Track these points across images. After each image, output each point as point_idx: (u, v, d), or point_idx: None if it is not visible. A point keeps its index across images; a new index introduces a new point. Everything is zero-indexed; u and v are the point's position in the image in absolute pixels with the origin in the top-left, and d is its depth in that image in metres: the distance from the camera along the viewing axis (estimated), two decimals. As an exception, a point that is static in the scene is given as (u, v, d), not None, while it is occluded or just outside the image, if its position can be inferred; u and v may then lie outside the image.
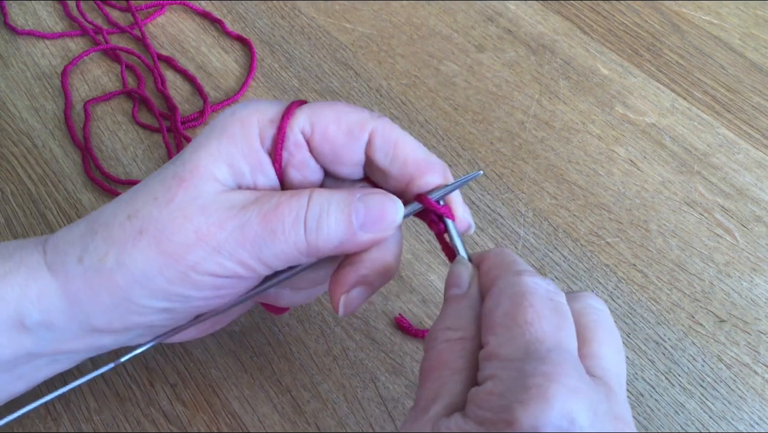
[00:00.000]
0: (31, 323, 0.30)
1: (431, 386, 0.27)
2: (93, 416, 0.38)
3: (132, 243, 0.29)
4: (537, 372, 0.24)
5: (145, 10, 0.58)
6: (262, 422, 0.38)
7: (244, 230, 0.29)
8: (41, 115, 0.51)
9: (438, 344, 0.28)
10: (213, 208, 0.29)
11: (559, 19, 0.58)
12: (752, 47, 0.57)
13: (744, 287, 0.43)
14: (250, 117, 0.31)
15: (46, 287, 0.30)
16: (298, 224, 0.29)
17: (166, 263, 0.29)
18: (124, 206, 0.30)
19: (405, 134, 0.32)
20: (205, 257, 0.29)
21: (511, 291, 0.28)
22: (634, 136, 0.51)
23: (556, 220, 0.46)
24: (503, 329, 0.26)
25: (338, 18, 0.58)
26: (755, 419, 0.39)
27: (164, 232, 0.29)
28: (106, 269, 0.29)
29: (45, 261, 0.31)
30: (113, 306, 0.30)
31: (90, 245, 0.30)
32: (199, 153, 0.30)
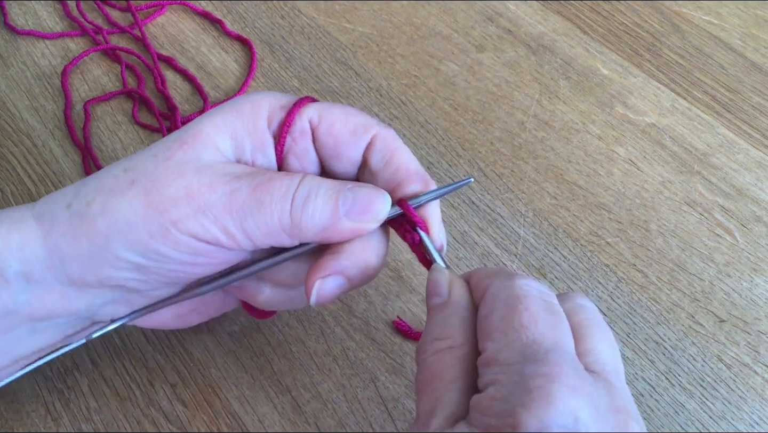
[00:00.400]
0: (10, 274, 0.30)
1: (428, 399, 0.27)
2: (93, 416, 0.38)
3: (121, 192, 0.30)
4: (537, 374, 0.24)
5: (145, 10, 0.58)
6: (262, 422, 0.38)
7: (233, 196, 0.30)
8: (41, 115, 0.51)
9: (428, 356, 0.28)
10: (208, 171, 0.30)
11: (559, 19, 0.58)
12: (752, 47, 0.57)
13: (744, 287, 0.43)
14: (262, 100, 0.32)
15: (28, 236, 0.30)
16: (286, 199, 0.30)
17: (149, 214, 0.29)
18: (123, 162, 0.31)
19: (405, 147, 0.33)
20: (189, 214, 0.29)
21: (504, 295, 0.28)
22: (634, 136, 0.51)
23: (556, 220, 0.46)
24: (500, 334, 0.27)
25: (338, 18, 0.58)
26: (755, 419, 0.39)
27: (155, 184, 0.30)
28: (91, 213, 0.30)
29: (33, 213, 0.31)
30: (90, 253, 0.30)
31: (81, 192, 0.31)
32: (205, 122, 0.31)
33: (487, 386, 0.26)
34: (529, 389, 0.24)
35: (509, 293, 0.28)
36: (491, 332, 0.27)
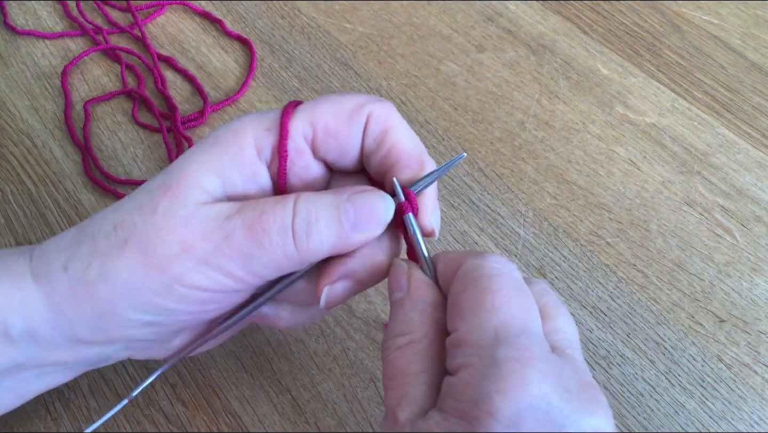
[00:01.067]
0: (16, 333, 0.30)
1: (394, 394, 0.27)
2: (93, 416, 0.38)
3: (116, 254, 0.29)
4: (510, 358, 0.24)
5: (145, 10, 0.58)
6: (262, 422, 0.38)
7: (229, 241, 0.28)
8: (41, 115, 0.51)
9: (391, 353, 0.28)
10: (197, 219, 0.28)
11: (559, 19, 0.58)
12: (752, 47, 0.57)
13: (744, 287, 0.43)
14: (244, 128, 0.30)
15: (30, 296, 0.29)
16: (285, 232, 0.28)
17: (150, 275, 0.28)
18: (111, 215, 0.30)
19: (400, 122, 0.31)
20: (191, 268, 0.28)
21: (477, 274, 0.28)
22: (634, 136, 0.51)
23: (556, 220, 0.46)
24: (472, 315, 0.26)
25: (338, 18, 0.58)
26: (755, 419, 0.39)
27: (148, 243, 0.28)
28: (90, 279, 0.29)
29: (30, 269, 0.30)
30: (96, 317, 0.29)
31: (76, 254, 0.29)
32: (188, 163, 0.29)
33: (458, 368, 0.25)
34: (502, 375, 0.24)
35: (481, 273, 0.28)
36: (463, 311, 0.27)
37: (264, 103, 0.52)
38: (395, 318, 0.29)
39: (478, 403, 0.24)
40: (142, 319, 0.30)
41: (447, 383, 0.26)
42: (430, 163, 0.31)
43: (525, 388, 0.24)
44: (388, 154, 0.31)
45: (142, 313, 0.29)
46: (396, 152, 0.31)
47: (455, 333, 0.27)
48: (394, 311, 0.30)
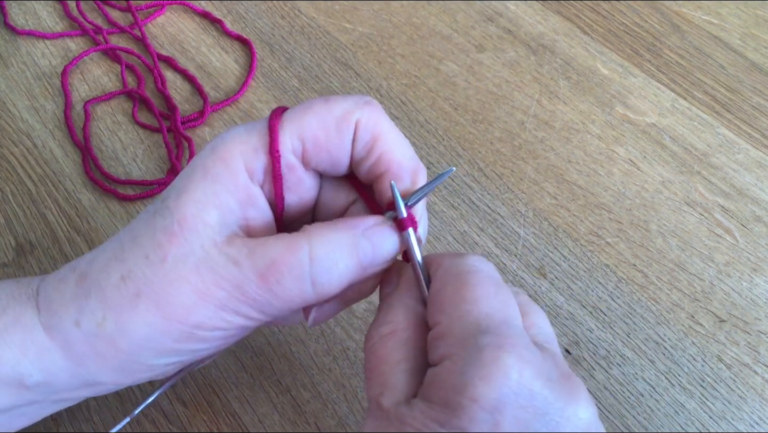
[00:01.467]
0: (32, 382, 0.30)
1: (375, 383, 0.27)
2: (93, 416, 0.38)
3: (130, 307, 0.28)
4: (492, 345, 0.25)
5: (145, 10, 0.58)
6: (262, 422, 0.38)
7: (242, 288, 0.28)
8: (41, 115, 0.51)
9: (374, 343, 0.28)
10: (207, 266, 0.28)
11: (559, 19, 0.58)
12: (752, 47, 0.57)
13: (744, 287, 0.43)
14: (231, 152, 0.29)
15: (45, 349, 0.29)
16: (302, 279, 0.28)
17: (169, 326, 0.28)
18: (115, 264, 0.29)
19: (390, 127, 0.30)
20: (209, 315, 0.28)
21: (456, 270, 0.28)
22: (634, 136, 0.51)
23: (556, 220, 0.46)
24: (453, 308, 0.27)
25: (338, 18, 0.58)
26: (755, 419, 0.39)
27: (162, 294, 0.28)
28: (107, 333, 0.29)
29: (40, 321, 0.29)
30: (120, 367, 0.30)
31: (85, 308, 0.29)
32: (185, 201, 0.28)
33: (441, 359, 0.26)
34: (484, 362, 0.24)
35: (461, 269, 0.28)
36: (444, 305, 0.27)
37: (264, 103, 0.52)
38: (381, 310, 0.30)
39: (462, 390, 0.24)
40: (165, 361, 0.30)
41: (430, 373, 0.26)
42: (421, 171, 0.31)
43: (507, 374, 0.24)
44: (378, 163, 0.30)
45: (165, 358, 0.30)
46: (386, 161, 0.30)
47: (437, 326, 0.27)
48: (381, 304, 0.30)
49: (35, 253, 0.44)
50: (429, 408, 0.24)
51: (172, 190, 0.29)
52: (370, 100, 0.30)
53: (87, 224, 0.45)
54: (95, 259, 0.30)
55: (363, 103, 0.30)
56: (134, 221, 0.30)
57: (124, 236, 0.30)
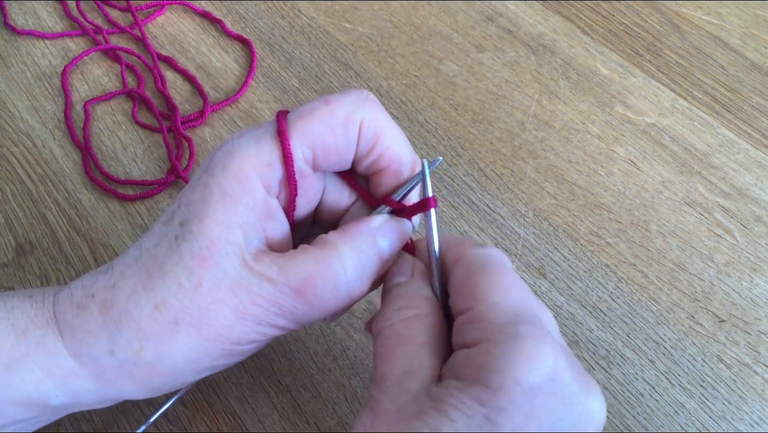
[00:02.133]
0: (57, 403, 0.30)
1: (398, 362, 0.27)
2: (93, 416, 0.38)
3: (169, 335, 0.29)
4: (532, 334, 0.26)
5: (145, 10, 0.58)
6: (262, 422, 0.38)
7: (279, 304, 0.29)
8: (41, 115, 0.51)
9: (395, 322, 0.29)
10: (242, 287, 0.29)
11: (559, 19, 0.58)
12: (752, 47, 0.57)
13: (744, 287, 0.43)
14: (245, 169, 0.29)
15: (72, 373, 0.30)
16: (338, 292, 0.29)
17: (211, 346, 0.29)
18: (143, 292, 0.29)
19: (389, 124, 0.31)
20: (247, 331, 0.29)
21: (483, 260, 0.29)
22: (634, 136, 0.51)
23: (556, 220, 0.46)
24: (486, 295, 0.27)
25: (338, 18, 0.58)
26: (755, 419, 0.39)
27: (201, 319, 0.28)
28: (146, 361, 0.29)
29: (65, 347, 0.30)
30: (154, 387, 0.30)
31: (118, 338, 0.29)
32: (208, 224, 0.29)
33: (477, 342, 0.26)
34: (525, 347, 0.25)
35: (488, 260, 0.29)
36: (476, 292, 0.28)
37: (264, 103, 0.52)
38: (398, 295, 0.30)
39: (504, 371, 0.25)
40: (200, 377, 0.31)
41: (465, 353, 0.26)
42: (417, 164, 0.32)
43: (545, 362, 0.25)
44: (379, 159, 0.31)
45: (202, 374, 0.31)
46: (388, 157, 0.31)
47: (469, 312, 0.28)
48: (395, 289, 0.31)
49: (35, 253, 0.44)
50: (468, 387, 0.25)
51: (190, 213, 0.29)
52: (367, 96, 0.31)
53: (87, 224, 0.45)
54: (116, 286, 0.30)
55: (362, 100, 0.31)
56: (151, 246, 0.30)
57: (146, 261, 0.30)
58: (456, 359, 0.27)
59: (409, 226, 0.32)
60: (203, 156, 0.49)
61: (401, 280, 0.31)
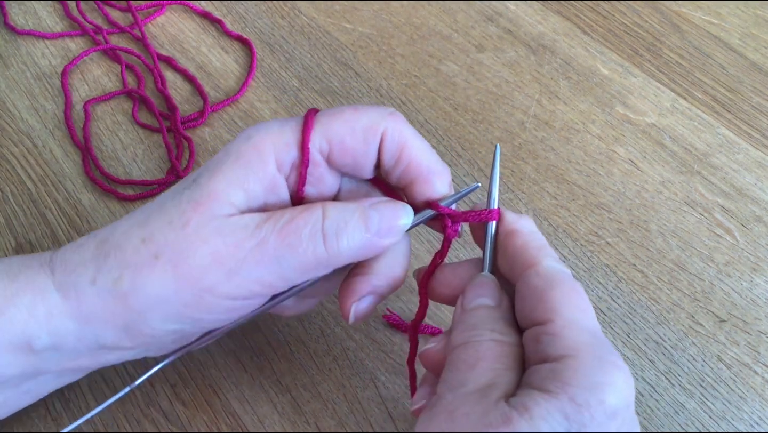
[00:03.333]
0: (40, 346, 0.31)
1: (485, 375, 0.28)
2: (93, 416, 0.38)
3: (148, 267, 0.30)
4: (610, 357, 0.27)
5: (145, 10, 0.58)
6: (262, 422, 0.38)
7: (261, 247, 0.30)
8: (41, 115, 0.51)
9: (485, 340, 0.29)
10: (228, 229, 0.30)
11: (559, 19, 0.58)
12: (752, 47, 0.57)
13: (744, 287, 0.43)
14: (264, 142, 0.31)
15: (55, 308, 0.30)
16: (315, 235, 0.30)
17: (182, 287, 0.30)
18: (137, 229, 0.31)
19: (414, 136, 0.33)
20: (221, 279, 0.30)
21: (560, 277, 0.30)
22: (634, 136, 0.51)
23: (556, 220, 0.46)
24: (567, 311, 0.29)
25: (338, 18, 0.58)
26: (755, 419, 0.39)
27: (180, 255, 0.29)
28: (121, 291, 0.30)
29: (53, 282, 0.31)
30: (124, 327, 0.31)
31: (103, 267, 0.30)
32: (216, 178, 0.30)
33: (561, 358, 0.27)
34: (609, 370, 0.27)
35: (566, 277, 0.30)
36: (556, 306, 0.29)
37: (264, 103, 0.52)
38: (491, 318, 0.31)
39: (590, 390, 0.26)
40: (169, 328, 0.31)
41: (548, 369, 0.27)
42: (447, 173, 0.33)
43: (626, 389, 0.27)
44: (407, 170, 0.33)
45: (170, 323, 0.31)
46: (415, 167, 0.33)
47: (549, 324, 0.28)
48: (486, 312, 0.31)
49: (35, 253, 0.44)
50: (554, 399, 0.26)
51: (205, 170, 0.31)
52: (393, 112, 0.33)
53: (87, 224, 0.45)
54: (118, 226, 0.32)
55: (387, 114, 0.32)
56: (160, 197, 0.32)
57: (148, 208, 0.32)
58: (537, 373, 0.27)
59: (406, 208, 0.33)
60: (203, 156, 0.49)
61: (488, 303, 0.31)
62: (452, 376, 0.29)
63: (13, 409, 0.34)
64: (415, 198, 0.33)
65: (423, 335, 0.40)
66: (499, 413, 0.26)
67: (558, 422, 0.25)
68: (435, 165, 0.33)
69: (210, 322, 0.32)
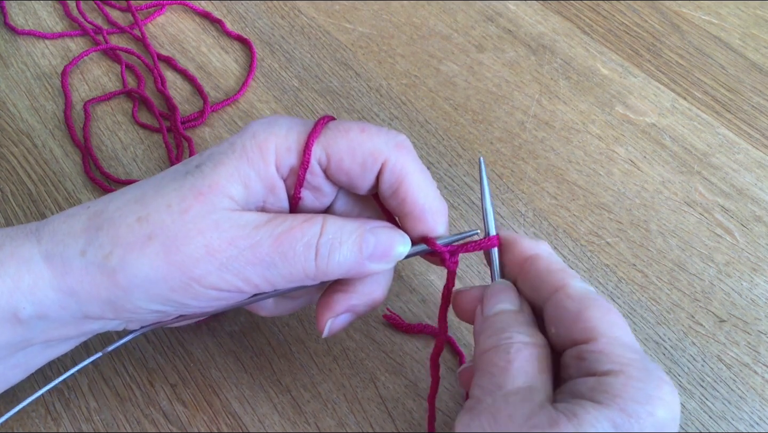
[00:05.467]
0: (25, 315, 0.31)
1: (521, 377, 0.29)
2: (93, 416, 0.38)
3: (140, 246, 0.30)
4: (661, 374, 0.28)
5: (145, 10, 0.58)
6: (262, 422, 0.38)
7: (255, 249, 0.30)
8: (41, 115, 0.51)
9: (514, 342, 0.30)
10: (227, 225, 0.30)
11: (559, 19, 0.58)
12: (752, 47, 0.57)
13: (744, 287, 0.43)
14: (268, 142, 0.31)
15: (39, 279, 0.30)
16: (309, 248, 0.30)
17: (171, 272, 0.30)
18: (133, 206, 0.31)
19: (416, 171, 0.32)
20: (211, 271, 0.30)
21: (592, 295, 0.31)
22: (634, 136, 0.51)
23: (556, 220, 0.46)
24: (608, 329, 0.29)
25: (338, 18, 0.58)
26: (755, 419, 0.39)
27: (175, 241, 0.29)
28: (110, 267, 0.30)
29: (40, 251, 0.31)
30: (108, 301, 0.31)
31: (94, 240, 0.30)
32: (219, 170, 0.31)
33: (611, 372, 0.28)
34: (658, 385, 0.28)
35: (597, 296, 0.31)
36: (596, 325, 0.29)
37: (264, 103, 0.52)
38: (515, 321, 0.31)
39: (642, 402, 0.27)
40: (152, 308, 0.31)
41: (595, 381, 0.28)
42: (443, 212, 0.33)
43: (674, 403, 0.28)
44: (402, 204, 0.33)
45: (154, 304, 0.31)
46: (410, 204, 0.32)
47: (592, 342, 0.29)
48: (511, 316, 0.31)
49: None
50: (605, 408, 0.27)
51: (209, 159, 0.31)
52: (401, 142, 0.32)
53: (87, 224, 0.45)
54: (113, 200, 0.32)
55: (394, 144, 0.32)
56: (159, 177, 0.32)
57: (146, 186, 0.31)
58: (584, 384, 0.28)
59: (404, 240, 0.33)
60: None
61: (509, 307, 0.32)
62: (487, 380, 0.29)
63: (4, 385, 0.34)
64: (409, 231, 0.33)
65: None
66: (545, 417, 0.27)
67: (605, 430, 0.26)
68: (432, 204, 0.33)
69: (193, 308, 0.32)
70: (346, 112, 0.52)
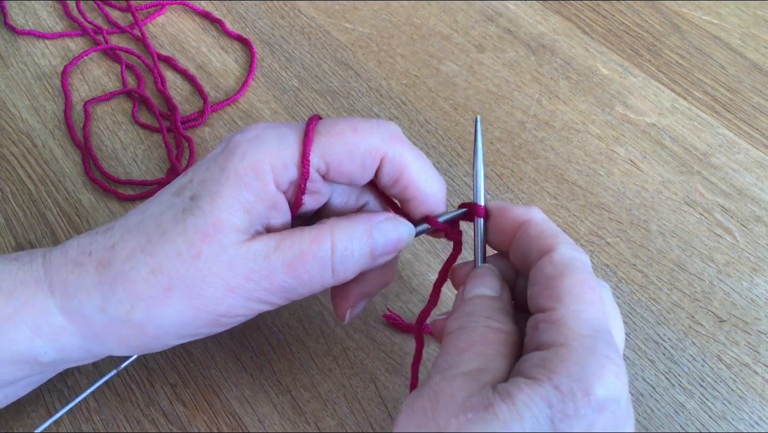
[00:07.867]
0: (46, 360, 0.32)
1: (475, 359, 0.28)
2: (93, 416, 0.38)
3: (162, 299, 0.30)
4: (608, 353, 0.27)
5: (145, 10, 0.58)
6: (262, 422, 0.38)
7: (270, 279, 0.31)
8: (41, 115, 0.51)
9: (480, 326, 0.30)
10: (238, 262, 0.30)
11: (559, 19, 0.58)
12: (752, 47, 0.57)
13: (744, 287, 0.43)
14: (262, 162, 0.31)
15: (61, 329, 0.31)
16: (325, 268, 0.31)
17: (199, 314, 0.31)
18: (141, 256, 0.30)
19: (414, 158, 0.33)
20: (235, 305, 0.31)
21: (573, 265, 0.29)
22: (634, 136, 0.51)
23: (556, 220, 0.46)
24: (570, 301, 0.28)
25: (338, 18, 0.58)
26: (755, 419, 0.39)
27: (194, 288, 0.30)
28: (135, 321, 0.31)
29: (55, 303, 0.31)
30: (139, 347, 0.32)
31: (111, 297, 0.31)
32: (219, 205, 0.30)
33: (554, 345, 0.27)
34: (600, 363, 0.26)
35: (579, 265, 0.29)
36: (561, 295, 0.28)
37: (264, 102, 0.52)
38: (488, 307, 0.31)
39: (576, 380, 0.26)
40: (182, 342, 0.33)
41: (538, 356, 0.27)
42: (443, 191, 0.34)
43: (615, 383, 0.26)
44: (404, 191, 0.33)
45: (184, 339, 0.33)
46: (412, 190, 0.33)
47: (550, 312, 0.28)
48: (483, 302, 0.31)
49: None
50: (539, 386, 0.26)
51: (203, 189, 0.31)
52: (394, 133, 0.32)
53: (87, 224, 0.45)
54: (115, 247, 0.31)
55: (389, 137, 0.32)
56: (156, 213, 0.31)
57: (148, 228, 0.31)
58: (527, 361, 0.27)
59: (410, 230, 0.34)
60: (203, 156, 0.49)
61: (487, 292, 0.32)
62: (443, 360, 0.29)
63: (12, 400, 0.35)
64: (411, 212, 0.34)
65: None
66: (481, 398, 0.26)
67: (540, 409, 0.25)
68: (433, 186, 0.33)
69: (220, 331, 0.33)
70: (346, 112, 0.52)
